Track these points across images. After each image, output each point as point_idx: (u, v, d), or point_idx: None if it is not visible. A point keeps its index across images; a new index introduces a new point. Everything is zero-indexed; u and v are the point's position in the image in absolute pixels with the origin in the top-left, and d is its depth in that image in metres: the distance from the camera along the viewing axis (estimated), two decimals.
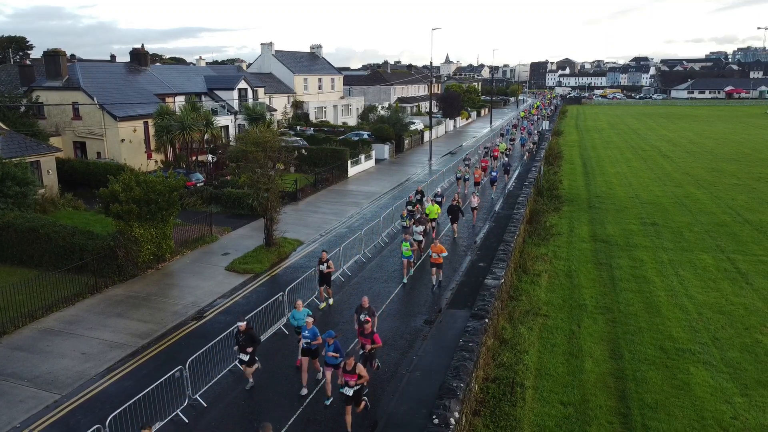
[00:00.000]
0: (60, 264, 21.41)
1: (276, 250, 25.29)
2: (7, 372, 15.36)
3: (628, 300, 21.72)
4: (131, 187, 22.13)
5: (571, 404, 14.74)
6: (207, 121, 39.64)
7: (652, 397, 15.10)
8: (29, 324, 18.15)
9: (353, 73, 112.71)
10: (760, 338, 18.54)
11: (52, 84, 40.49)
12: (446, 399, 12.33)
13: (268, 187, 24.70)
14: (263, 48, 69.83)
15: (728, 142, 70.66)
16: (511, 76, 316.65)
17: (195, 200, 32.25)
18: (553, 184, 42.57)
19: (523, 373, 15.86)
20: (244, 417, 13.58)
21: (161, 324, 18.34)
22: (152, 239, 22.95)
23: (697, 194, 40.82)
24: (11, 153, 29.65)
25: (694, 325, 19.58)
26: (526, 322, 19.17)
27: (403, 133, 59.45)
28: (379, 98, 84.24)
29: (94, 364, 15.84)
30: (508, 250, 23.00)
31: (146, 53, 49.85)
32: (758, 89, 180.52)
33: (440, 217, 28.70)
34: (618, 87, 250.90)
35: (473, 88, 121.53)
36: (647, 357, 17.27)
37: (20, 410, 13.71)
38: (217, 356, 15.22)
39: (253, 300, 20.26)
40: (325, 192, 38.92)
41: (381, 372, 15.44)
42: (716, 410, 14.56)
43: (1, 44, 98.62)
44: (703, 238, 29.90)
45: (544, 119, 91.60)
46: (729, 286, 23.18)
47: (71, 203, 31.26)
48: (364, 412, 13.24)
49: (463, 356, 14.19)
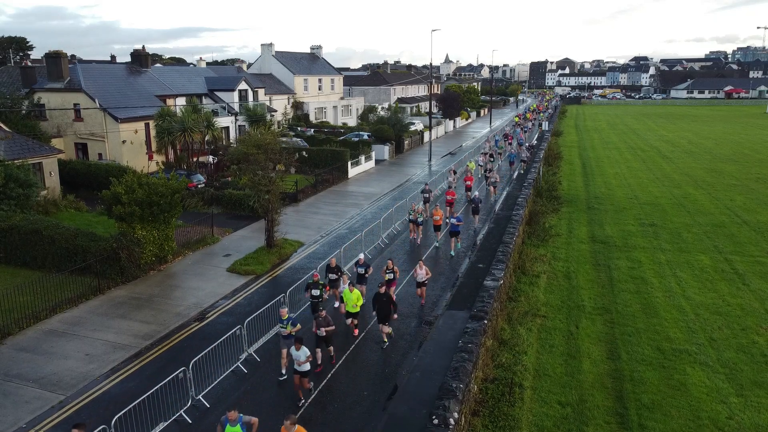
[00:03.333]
0: (63, 265, 21.61)
1: (277, 252, 25.49)
2: (12, 373, 15.56)
3: (626, 301, 21.92)
4: (134, 189, 22.33)
5: (569, 404, 14.95)
6: (208, 122, 39.85)
7: (648, 397, 15.30)
8: (34, 325, 18.35)
9: (353, 73, 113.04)
10: (756, 339, 18.75)
11: (54, 85, 40.66)
12: (446, 400, 12.53)
13: (269, 188, 24.90)
14: (263, 49, 70.03)
15: (727, 143, 70.87)
16: (511, 76, 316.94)
17: (196, 201, 32.37)
18: (552, 184, 42.75)
19: (522, 374, 16.06)
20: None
21: (164, 325, 18.53)
22: (154, 241, 23.15)
23: (695, 195, 41.02)
24: (14, 155, 29.82)
25: (691, 325, 19.78)
26: (525, 323, 19.37)
27: (402, 133, 59.65)
28: (379, 99, 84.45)
29: (98, 365, 16.04)
30: (507, 252, 23.19)
31: (147, 54, 50.02)
32: (758, 89, 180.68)
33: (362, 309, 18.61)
34: (617, 87, 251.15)
35: (473, 88, 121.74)
36: (644, 357, 17.48)
37: (26, 411, 13.91)
38: (219, 357, 15.42)
39: (254, 301, 20.46)
40: (325, 193, 39.12)
41: (382, 372, 15.65)
42: (712, 410, 14.76)
43: (2, 44, 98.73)
44: (701, 239, 30.10)
45: (543, 121, 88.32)
46: (726, 287, 23.38)
47: (73, 205, 31.45)
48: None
49: (463, 357, 14.39)
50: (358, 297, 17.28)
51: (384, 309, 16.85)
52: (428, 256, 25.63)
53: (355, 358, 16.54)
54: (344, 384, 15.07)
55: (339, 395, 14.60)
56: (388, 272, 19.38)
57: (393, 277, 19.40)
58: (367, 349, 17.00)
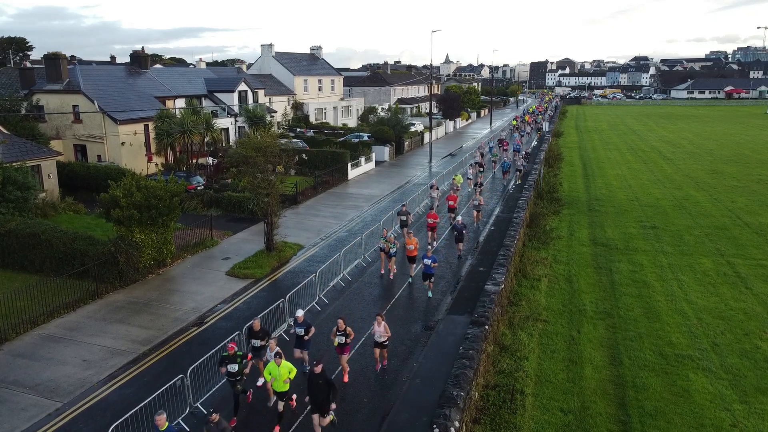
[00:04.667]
0: (61, 269, 21.47)
1: (276, 255, 25.35)
2: (9, 380, 15.41)
3: (628, 305, 21.78)
4: (132, 192, 22.19)
5: (571, 411, 14.80)
6: (207, 123, 39.69)
7: (651, 404, 15.16)
8: (31, 330, 18.20)
9: (353, 73, 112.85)
10: (760, 344, 18.60)
11: (53, 87, 40.51)
12: (446, 408, 12.39)
13: (268, 191, 24.76)
14: (263, 49, 69.90)
15: (728, 143, 70.72)
16: (511, 76, 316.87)
17: (195, 203, 32.30)
18: (553, 186, 42.61)
19: (523, 380, 15.91)
20: (245, 424, 13.63)
21: (162, 330, 18.39)
22: (153, 244, 23.00)
23: (696, 196, 40.87)
24: (12, 157, 29.68)
25: (694, 330, 19.64)
26: (526, 328, 19.23)
27: (403, 134, 59.52)
28: (379, 99, 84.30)
29: (96, 371, 15.89)
30: (508, 255, 23.04)
31: (146, 55, 49.90)
32: (758, 89, 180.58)
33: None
34: (618, 87, 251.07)
35: (473, 88, 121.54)
36: (647, 363, 17.33)
37: (22, 418, 13.77)
38: (217, 364, 15.24)
39: (253, 305, 20.31)
40: (325, 195, 38.97)
41: (383, 379, 15.50)
42: (715, 417, 14.62)
43: (1, 45, 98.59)
44: (702, 242, 29.95)
45: (544, 122, 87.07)
46: (728, 291, 23.24)
47: (72, 207, 31.30)
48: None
49: (464, 364, 14.25)
50: (289, 371, 13.14)
51: (319, 394, 12.51)
52: (399, 297, 21.08)
53: (355, 361, 16.38)
54: (344, 391, 14.91)
55: (339, 401, 14.43)
56: (339, 334, 15.02)
57: (345, 342, 15.10)
58: (367, 355, 16.84)
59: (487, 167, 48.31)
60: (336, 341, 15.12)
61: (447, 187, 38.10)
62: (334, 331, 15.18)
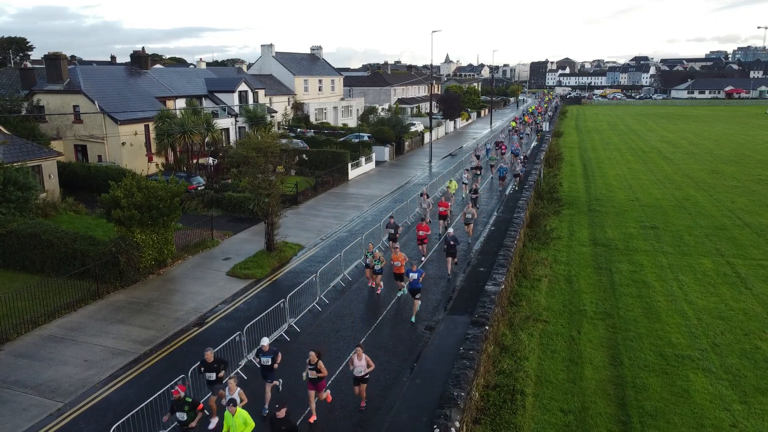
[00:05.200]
0: (62, 270, 21.50)
1: (277, 255, 25.38)
2: (10, 380, 15.44)
3: (628, 305, 21.81)
4: (133, 192, 22.21)
5: (571, 412, 14.83)
6: (207, 123, 39.72)
7: (651, 404, 15.19)
8: (32, 330, 18.23)
9: (353, 73, 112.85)
10: (760, 344, 18.63)
11: (53, 87, 40.53)
12: (447, 408, 12.43)
13: (269, 192, 24.79)
14: (263, 50, 69.92)
15: (728, 143, 70.76)
16: (511, 76, 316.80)
17: (196, 204, 32.33)
18: (553, 186, 42.63)
19: (524, 380, 15.95)
20: None
21: (163, 330, 18.42)
22: (154, 244, 23.02)
23: (696, 197, 40.90)
24: (13, 157, 29.70)
25: (694, 330, 19.67)
26: (527, 328, 19.26)
27: (403, 134, 59.54)
28: (379, 99, 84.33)
29: (97, 371, 15.92)
30: (508, 255, 23.07)
31: (147, 56, 49.94)
32: (758, 89, 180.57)
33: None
34: (618, 87, 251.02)
35: (473, 88, 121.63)
36: (647, 363, 17.37)
37: (24, 418, 13.80)
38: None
39: (254, 305, 20.34)
40: (325, 195, 39.00)
41: (383, 379, 15.52)
42: (715, 418, 14.65)
43: (2, 45, 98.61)
44: (702, 242, 29.99)
45: (543, 122, 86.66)
46: (728, 291, 23.27)
47: (72, 207, 31.33)
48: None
49: (464, 364, 14.29)
50: (245, 422, 11.37)
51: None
52: (385, 316, 19.56)
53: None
54: (345, 392, 14.94)
55: (339, 402, 14.47)
56: (310, 368, 13.30)
57: (317, 377, 13.37)
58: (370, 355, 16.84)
59: (485, 170, 47.28)
60: (305, 375, 13.40)
61: (440, 194, 36.50)
62: (307, 366, 13.37)
